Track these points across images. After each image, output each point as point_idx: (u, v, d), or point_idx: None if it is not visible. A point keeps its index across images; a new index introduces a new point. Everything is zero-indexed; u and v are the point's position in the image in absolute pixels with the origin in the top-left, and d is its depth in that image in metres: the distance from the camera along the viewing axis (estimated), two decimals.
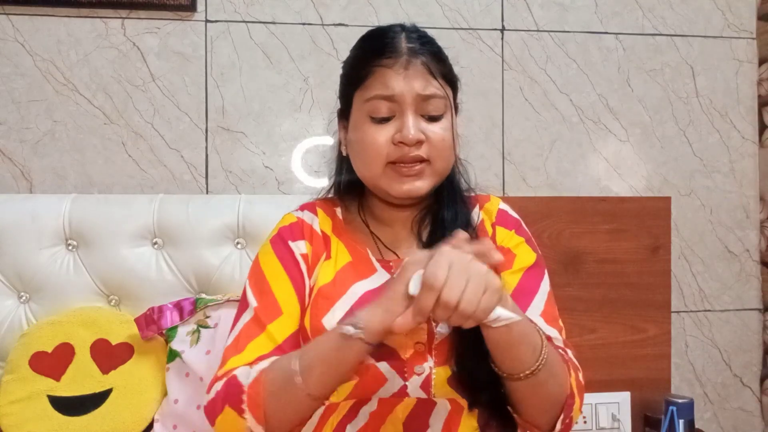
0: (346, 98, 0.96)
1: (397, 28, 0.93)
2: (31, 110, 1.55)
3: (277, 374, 0.80)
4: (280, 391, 0.79)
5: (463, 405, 0.87)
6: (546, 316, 0.92)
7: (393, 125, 0.89)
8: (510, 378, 0.80)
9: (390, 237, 0.98)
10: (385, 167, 0.90)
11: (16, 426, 1.24)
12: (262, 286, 0.92)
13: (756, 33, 1.80)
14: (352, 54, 0.96)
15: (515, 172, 1.71)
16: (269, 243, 0.97)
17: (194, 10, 1.59)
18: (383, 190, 0.92)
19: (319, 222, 0.98)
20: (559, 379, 0.83)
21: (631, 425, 1.58)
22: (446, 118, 0.92)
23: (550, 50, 1.72)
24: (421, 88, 0.88)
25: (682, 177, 1.78)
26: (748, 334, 1.80)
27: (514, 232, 0.99)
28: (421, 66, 0.89)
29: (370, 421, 0.85)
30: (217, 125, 1.61)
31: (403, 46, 0.89)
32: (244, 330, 0.89)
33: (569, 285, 1.58)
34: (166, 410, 1.30)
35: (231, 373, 0.83)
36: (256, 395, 0.79)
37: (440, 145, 0.90)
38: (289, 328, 0.89)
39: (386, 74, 0.88)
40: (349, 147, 0.96)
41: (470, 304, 0.69)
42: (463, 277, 0.69)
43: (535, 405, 0.84)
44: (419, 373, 0.87)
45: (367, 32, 0.96)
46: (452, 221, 0.94)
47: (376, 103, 0.89)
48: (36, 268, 1.37)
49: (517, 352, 0.78)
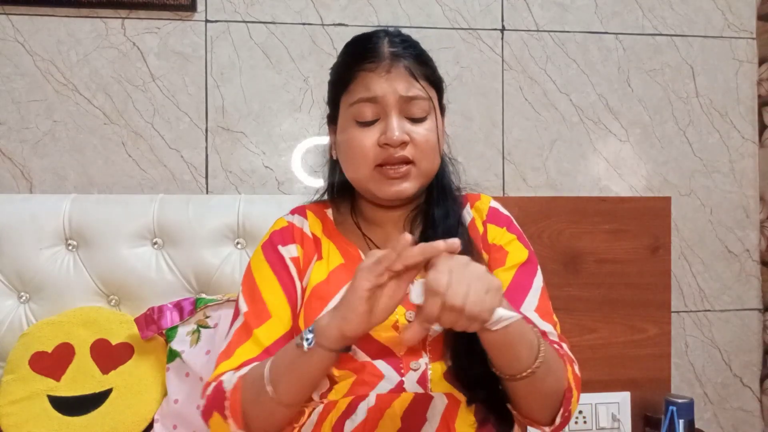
0: (333, 103, 0.98)
1: (381, 33, 0.94)
2: (31, 110, 1.55)
3: (252, 383, 0.83)
4: (254, 399, 0.82)
5: (460, 399, 0.88)
6: (540, 312, 0.93)
7: (378, 128, 0.91)
8: (510, 379, 0.81)
9: (381, 237, 0.99)
10: (373, 170, 0.91)
11: (16, 426, 1.24)
12: (252, 292, 0.94)
13: (756, 33, 1.80)
14: (337, 60, 0.98)
15: (515, 172, 1.71)
16: (260, 248, 0.99)
17: (194, 10, 1.59)
18: (371, 193, 0.94)
19: (309, 225, 1.00)
20: (557, 375, 0.84)
21: (631, 425, 1.58)
22: (430, 119, 0.93)
23: (550, 50, 1.72)
24: (403, 89, 0.90)
25: (682, 177, 1.78)
26: (748, 334, 1.80)
27: (506, 230, 1.00)
28: (403, 69, 0.90)
29: (369, 417, 0.86)
30: (217, 125, 1.61)
31: (385, 51, 0.91)
32: (235, 335, 0.92)
33: (569, 285, 1.58)
34: (166, 410, 1.30)
35: (219, 379, 0.87)
36: (235, 402, 0.83)
37: (424, 146, 0.91)
38: (277, 332, 0.90)
39: (369, 78, 0.90)
40: (338, 151, 0.97)
41: (475, 305, 0.70)
42: (464, 280, 0.70)
43: (535, 402, 0.85)
44: (415, 369, 0.89)
45: (352, 38, 0.98)
46: (443, 219, 0.95)
47: (361, 107, 0.91)
48: (36, 268, 1.37)
49: (516, 352, 0.79)
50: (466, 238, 0.95)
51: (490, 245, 0.98)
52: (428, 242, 0.73)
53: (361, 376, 0.89)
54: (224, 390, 0.84)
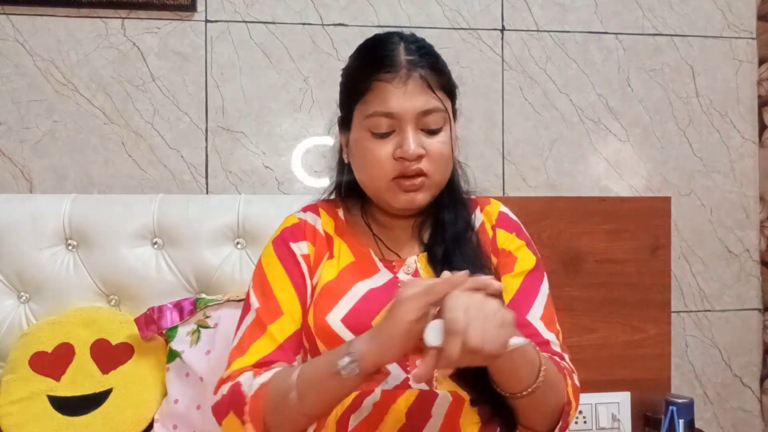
0: (346, 109, 0.96)
1: (395, 38, 0.93)
2: (31, 110, 1.55)
3: (276, 392, 0.82)
4: (277, 407, 0.81)
5: (465, 397, 0.89)
6: (545, 320, 0.94)
7: (393, 140, 0.90)
8: (511, 397, 0.82)
9: (392, 239, 0.99)
10: (390, 182, 0.91)
11: (16, 426, 1.24)
12: (263, 288, 0.94)
13: (756, 33, 1.80)
14: (351, 64, 0.96)
15: (515, 172, 1.71)
16: (271, 244, 0.98)
17: (194, 10, 1.59)
18: (386, 202, 0.94)
19: (322, 223, 1.00)
20: (556, 391, 0.86)
21: (631, 425, 1.58)
22: (445, 130, 0.93)
23: (550, 50, 1.72)
24: (420, 104, 0.89)
25: (682, 177, 1.78)
26: (748, 334, 1.80)
27: (515, 235, 1.01)
28: (419, 79, 0.89)
29: (373, 412, 0.87)
30: (217, 125, 1.61)
31: (401, 59, 0.90)
32: (248, 331, 0.91)
33: (569, 285, 1.58)
34: (166, 410, 1.30)
35: (236, 379, 0.85)
36: (256, 408, 0.81)
37: (439, 158, 0.91)
38: (290, 328, 0.91)
39: (385, 90, 0.89)
40: (352, 157, 0.97)
41: (493, 344, 0.69)
42: (480, 318, 0.70)
43: (534, 416, 0.87)
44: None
45: (366, 42, 0.96)
46: (452, 224, 0.96)
47: (377, 120, 0.90)
48: (36, 268, 1.36)
49: (518, 374, 0.80)
50: (475, 243, 0.96)
51: (499, 250, 0.98)
52: (479, 277, 0.74)
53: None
54: (243, 394, 0.83)
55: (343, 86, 0.98)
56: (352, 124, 0.95)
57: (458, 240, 0.95)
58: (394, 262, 0.97)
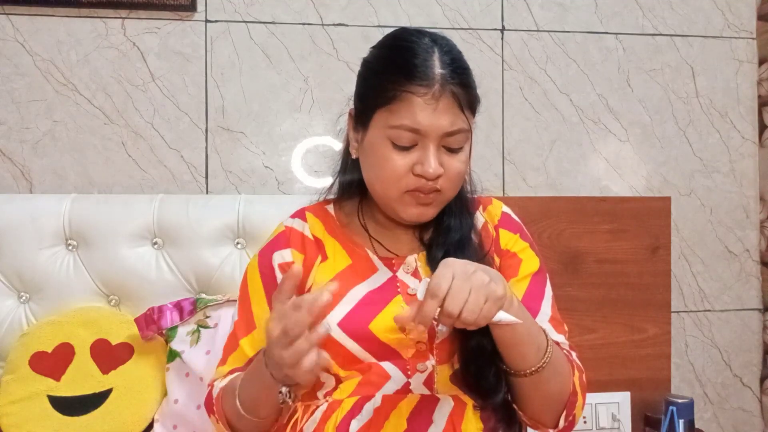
0: (366, 107, 0.91)
1: (429, 45, 0.87)
2: (31, 110, 1.55)
3: (227, 399, 0.88)
4: (232, 411, 0.88)
5: (467, 402, 0.89)
6: (554, 322, 0.95)
7: (414, 155, 0.87)
8: (515, 374, 0.83)
9: (390, 238, 0.98)
10: (403, 194, 0.89)
11: (16, 426, 1.24)
12: (244, 300, 0.98)
13: (756, 33, 1.80)
14: (378, 63, 0.92)
15: (515, 172, 1.71)
16: (257, 256, 1.00)
17: (194, 10, 1.59)
18: (394, 212, 0.92)
19: (309, 227, 0.99)
20: (562, 378, 0.86)
21: (631, 425, 1.58)
22: (465, 148, 0.91)
23: (550, 50, 1.72)
24: (448, 125, 0.86)
25: (682, 177, 1.78)
26: (748, 334, 1.80)
27: (519, 237, 1.00)
28: (451, 98, 0.85)
29: (374, 417, 0.86)
30: (217, 125, 1.61)
31: (436, 72, 0.85)
32: (228, 342, 0.97)
33: (569, 285, 1.58)
34: (166, 410, 1.30)
35: (213, 383, 0.94)
36: (220, 410, 0.90)
37: (456, 178, 0.90)
38: (261, 342, 0.88)
39: (415, 104, 0.85)
40: (363, 156, 0.93)
41: (471, 314, 0.72)
42: (465, 288, 0.72)
43: (539, 402, 0.87)
44: (422, 371, 0.89)
45: (395, 39, 0.91)
46: (457, 229, 0.95)
47: (401, 133, 0.86)
48: (36, 268, 1.37)
49: (522, 351, 0.82)
50: (478, 245, 0.95)
51: (502, 250, 0.98)
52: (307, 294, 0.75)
53: (367, 377, 0.89)
54: (212, 396, 0.91)
55: (365, 81, 0.93)
56: (370, 123, 0.90)
57: (461, 244, 0.94)
58: (393, 260, 0.96)
